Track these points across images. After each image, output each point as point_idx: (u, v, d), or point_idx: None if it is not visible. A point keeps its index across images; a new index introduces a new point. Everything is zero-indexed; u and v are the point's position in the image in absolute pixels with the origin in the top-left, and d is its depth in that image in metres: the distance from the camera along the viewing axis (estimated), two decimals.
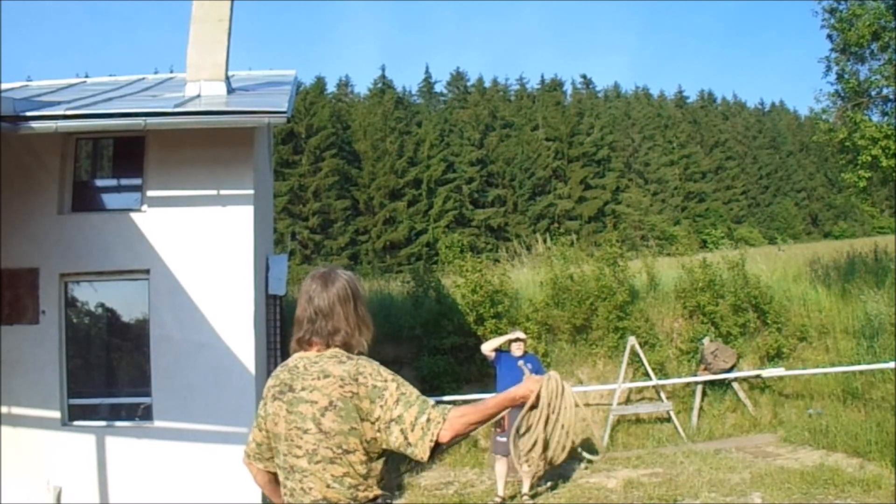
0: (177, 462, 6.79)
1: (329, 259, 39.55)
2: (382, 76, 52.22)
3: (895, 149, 10.99)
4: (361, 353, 2.33)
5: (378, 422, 2.15)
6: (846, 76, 11.91)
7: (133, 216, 7.06)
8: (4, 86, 8.64)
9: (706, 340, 10.68)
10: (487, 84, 56.78)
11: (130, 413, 7.10)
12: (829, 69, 12.12)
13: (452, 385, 10.42)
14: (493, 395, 2.32)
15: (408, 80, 68.39)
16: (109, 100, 7.40)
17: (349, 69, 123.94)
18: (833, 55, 12.03)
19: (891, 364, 9.34)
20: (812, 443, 8.96)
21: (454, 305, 11.22)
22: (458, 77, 57.79)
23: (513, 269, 13.26)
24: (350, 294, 2.34)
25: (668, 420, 10.28)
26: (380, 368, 2.23)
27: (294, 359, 2.35)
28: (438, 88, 58.05)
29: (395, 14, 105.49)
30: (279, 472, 2.32)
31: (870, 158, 11.14)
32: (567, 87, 57.85)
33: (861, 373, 9.95)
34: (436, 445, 2.12)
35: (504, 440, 7.33)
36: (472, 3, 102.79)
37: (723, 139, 58.05)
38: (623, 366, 10.24)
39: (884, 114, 11.82)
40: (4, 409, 6.70)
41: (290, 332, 2.42)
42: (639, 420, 10.45)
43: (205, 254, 7.04)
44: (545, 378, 2.31)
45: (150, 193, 7.14)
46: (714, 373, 10.37)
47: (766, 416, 10.39)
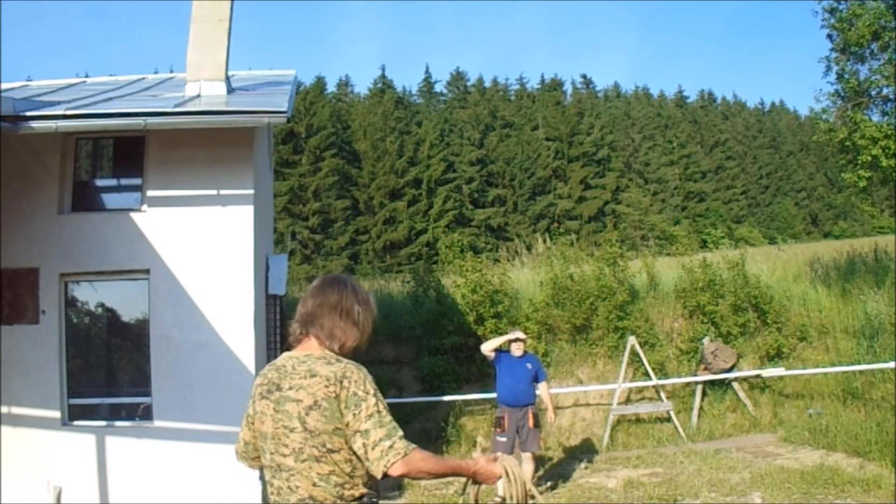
0: (177, 462, 6.78)
1: (329, 259, 39.59)
2: (382, 76, 52.39)
3: (895, 149, 10.99)
4: (351, 358, 2.37)
5: (346, 427, 2.20)
6: (846, 76, 11.93)
7: (133, 216, 7.05)
8: (4, 86, 8.63)
9: (706, 340, 10.68)
10: (487, 84, 56.94)
11: (130, 413, 7.09)
12: (829, 69, 12.17)
13: (452, 385, 10.43)
14: (457, 460, 2.64)
15: (408, 80, 68.71)
16: (109, 100, 7.39)
17: (349, 69, 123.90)
18: (833, 55, 12.07)
19: (891, 364, 9.34)
20: (812, 443, 8.96)
21: (454, 305, 11.23)
22: (458, 77, 57.90)
23: (513, 269, 13.24)
24: (340, 301, 2.39)
25: (668, 420, 10.28)
26: (366, 379, 2.26)
27: (282, 358, 2.40)
28: (438, 88, 58.27)
29: (395, 14, 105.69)
30: (266, 471, 2.36)
31: (870, 158, 11.16)
32: (567, 87, 58.11)
33: (861, 373, 9.96)
34: (384, 475, 2.18)
35: (504, 440, 7.33)
36: (472, 3, 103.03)
37: (723, 139, 58.09)
38: (623, 366, 10.24)
39: (884, 114, 11.85)
40: (4, 409, 6.70)
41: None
42: (639, 420, 10.45)
43: (205, 254, 7.04)
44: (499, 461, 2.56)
45: (150, 193, 7.13)
46: (714, 373, 10.37)
47: (766, 416, 10.39)
